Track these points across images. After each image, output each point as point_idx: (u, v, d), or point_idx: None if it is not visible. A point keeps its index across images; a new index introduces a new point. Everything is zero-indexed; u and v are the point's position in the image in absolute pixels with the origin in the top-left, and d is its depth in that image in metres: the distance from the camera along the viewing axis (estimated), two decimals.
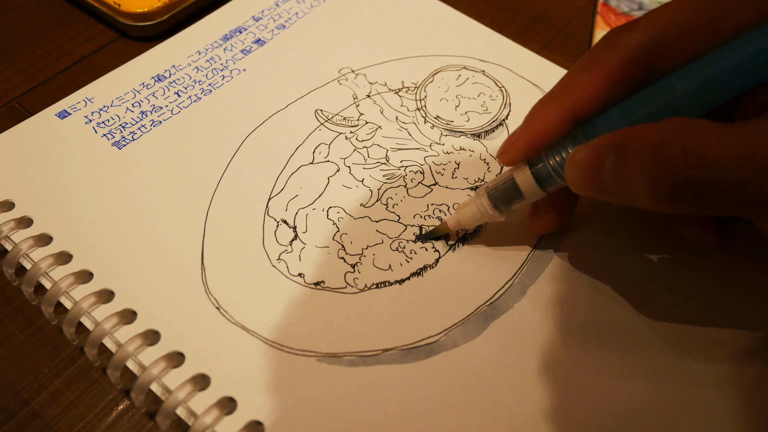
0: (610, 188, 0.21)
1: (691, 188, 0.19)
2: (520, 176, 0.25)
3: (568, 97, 0.23)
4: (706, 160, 0.19)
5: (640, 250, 0.27)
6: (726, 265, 0.27)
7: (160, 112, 0.32)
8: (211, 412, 0.23)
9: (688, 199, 0.19)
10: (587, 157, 0.21)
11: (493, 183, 0.26)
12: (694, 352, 0.25)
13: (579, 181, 0.22)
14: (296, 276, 0.27)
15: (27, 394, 0.25)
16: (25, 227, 0.27)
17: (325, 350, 0.25)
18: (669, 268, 0.27)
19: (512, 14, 0.38)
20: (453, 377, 0.24)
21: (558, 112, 0.23)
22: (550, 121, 0.23)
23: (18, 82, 0.34)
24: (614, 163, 0.20)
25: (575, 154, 0.22)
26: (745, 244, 0.27)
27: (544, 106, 0.24)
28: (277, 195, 0.29)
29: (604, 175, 0.21)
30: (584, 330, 0.25)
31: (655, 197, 0.20)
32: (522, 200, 0.25)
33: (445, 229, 0.27)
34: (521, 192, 0.25)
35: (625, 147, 0.20)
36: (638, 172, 0.20)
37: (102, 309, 0.25)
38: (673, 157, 0.19)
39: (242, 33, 0.36)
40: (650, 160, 0.19)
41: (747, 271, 0.27)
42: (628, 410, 0.23)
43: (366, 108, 0.33)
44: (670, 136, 0.19)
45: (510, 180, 0.25)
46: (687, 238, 0.26)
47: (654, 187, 0.19)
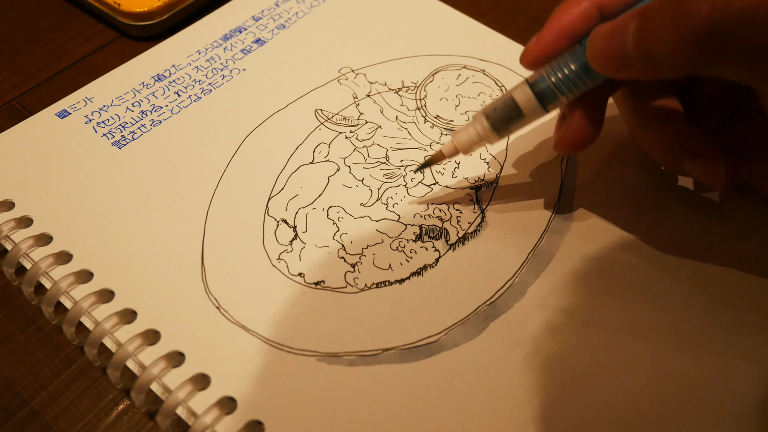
0: (633, 52, 0.20)
1: (718, 27, 0.18)
2: (519, 94, 0.24)
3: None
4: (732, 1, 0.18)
5: (640, 249, 0.27)
6: (727, 265, 0.27)
7: (160, 112, 0.32)
8: (211, 412, 0.23)
9: (714, 47, 0.19)
10: (611, 26, 0.21)
11: (491, 104, 0.25)
12: (698, 352, 0.25)
13: (600, 52, 0.22)
14: (296, 276, 0.27)
15: (27, 393, 0.25)
16: (25, 227, 0.27)
17: (325, 350, 0.25)
18: (669, 268, 0.27)
19: (512, 14, 0.38)
20: (453, 377, 0.24)
21: (584, 3, 0.23)
22: (577, 13, 0.23)
23: (18, 81, 0.34)
24: (638, 24, 0.20)
25: (599, 28, 0.22)
26: (748, 237, 0.27)
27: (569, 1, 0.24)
28: (277, 194, 0.29)
29: (627, 39, 0.20)
30: (584, 329, 0.25)
31: (682, 48, 0.19)
32: (522, 120, 0.25)
33: (441, 156, 0.27)
34: (521, 110, 0.24)
35: (649, 8, 0.20)
36: (662, 22, 0.19)
37: (102, 309, 0.25)
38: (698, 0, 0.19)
39: (242, 33, 0.36)
40: (674, 6, 0.19)
41: (752, 263, 0.27)
42: (629, 410, 0.23)
43: (366, 107, 0.33)
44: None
45: (509, 99, 0.24)
46: (698, 176, 0.25)
47: (680, 31, 0.19)
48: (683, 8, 0.19)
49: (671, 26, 0.19)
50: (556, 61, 0.24)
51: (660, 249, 0.27)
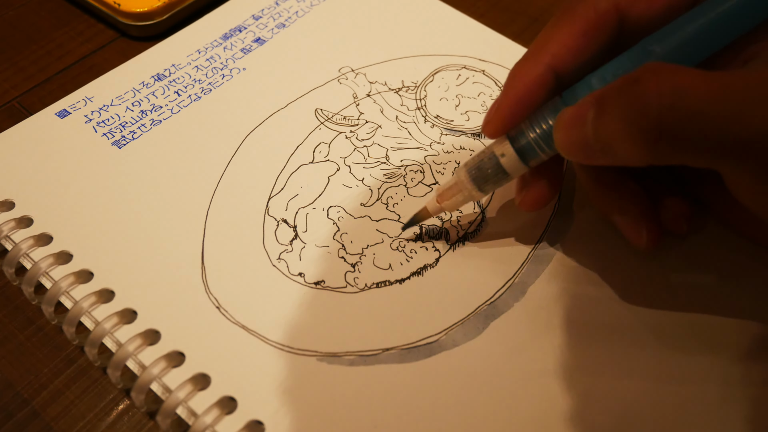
0: (594, 143, 0.20)
1: (668, 123, 0.18)
2: (501, 150, 0.24)
3: (545, 53, 0.23)
4: (680, 92, 0.18)
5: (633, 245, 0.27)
6: (728, 266, 0.27)
7: (160, 111, 0.32)
8: (212, 412, 0.23)
9: (667, 138, 0.18)
10: (570, 115, 0.21)
11: (473, 162, 0.25)
12: (697, 352, 0.25)
13: (566, 141, 0.21)
14: (296, 275, 0.27)
15: (27, 393, 0.25)
16: (26, 227, 0.27)
17: (325, 350, 0.25)
18: (670, 269, 0.27)
19: (512, 14, 0.38)
20: (453, 377, 0.24)
21: (538, 68, 0.23)
22: (532, 79, 0.23)
23: (18, 81, 0.34)
24: (595, 113, 0.20)
25: (560, 116, 0.21)
26: (748, 245, 0.27)
27: (522, 65, 0.23)
28: (277, 194, 0.29)
29: (587, 130, 0.20)
30: (585, 329, 0.25)
31: (633, 139, 0.19)
32: (506, 178, 0.25)
33: (426, 214, 0.27)
34: (504, 169, 0.24)
35: (604, 96, 0.20)
36: (615, 114, 0.19)
37: (102, 308, 0.25)
38: (645, 90, 0.18)
39: (242, 32, 0.36)
40: (624, 98, 0.19)
41: (751, 269, 0.27)
42: (629, 409, 0.23)
43: (366, 107, 0.33)
44: (644, 73, 0.19)
45: (492, 157, 0.24)
46: (623, 232, 0.25)
47: (630, 126, 0.19)
48: (634, 106, 0.19)
49: (624, 123, 0.19)
50: (534, 116, 0.23)
51: (661, 249, 0.27)
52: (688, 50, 0.21)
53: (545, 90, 0.23)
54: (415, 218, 0.27)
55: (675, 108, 0.18)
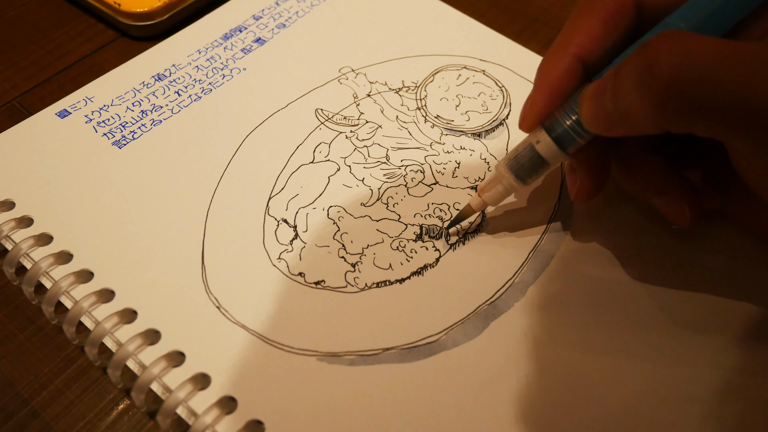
0: (613, 112, 0.21)
1: (678, 85, 0.18)
2: (540, 142, 0.24)
3: (571, 44, 0.23)
4: (690, 54, 0.18)
5: (641, 250, 0.27)
6: (729, 267, 0.27)
7: (161, 111, 0.32)
8: (212, 412, 0.23)
9: (676, 101, 0.19)
10: (592, 88, 0.22)
11: (513, 154, 0.25)
12: (696, 354, 0.25)
13: (588, 114, 0.22)
14: (297, 275, 0.27)
15: (27, 393, 0.25)
16: (26, 227, 0.27)
17: (326, 349, 0.25)
18: (670, 269, 0.27)
19: (512, 14, 0.38)
20: (453, 377, 0.24)
21: (565, 60, 0.23)
22: (561, 71, 0.23)
23: (18, 81, 0.34)
24: (612, 82, 0.20)
25: (584, 90, 0.22)
26: (745, 246, 0.27)
27: (550, 59, 0.24)
28: (277, 194, 0.29)
29: (607, 101, 0.21)
30: (585, 329, 0.25)
31: (645, 102, 0.19)
32: (546, 167, 0.25)
33: (470, 210, 0.27)
34: (544, 159, 0.24)
35: (621, 66, 0.20)
36: (628, 80, 0.20)
37: (102, 308, 0.25)
38: (655, 52, 0.19)
39: (242, 32, 0.36)
40: (635, 62, 0.19)
41: (751, 271, 0.27)
42: (629, 409, 0.23)
43: (366, 107, 0.33)
44: (657, 39, 0.19)
45: (530, 148, 0.25)
46: (664, 213, 0.25)
47: (641, 88, 0.19)
48: (645, 68, 0.19)
49: (636, 87, 0.19)
50: (568, 103, 0.24)
51: (661, 250, 0.27)
52: (711, 24, 0.21)
53: (574, 80, 0.23)
54: (460, 216, 0.28)
55: (684, 70, 0.18)
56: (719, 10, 0.21)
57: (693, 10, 0.21)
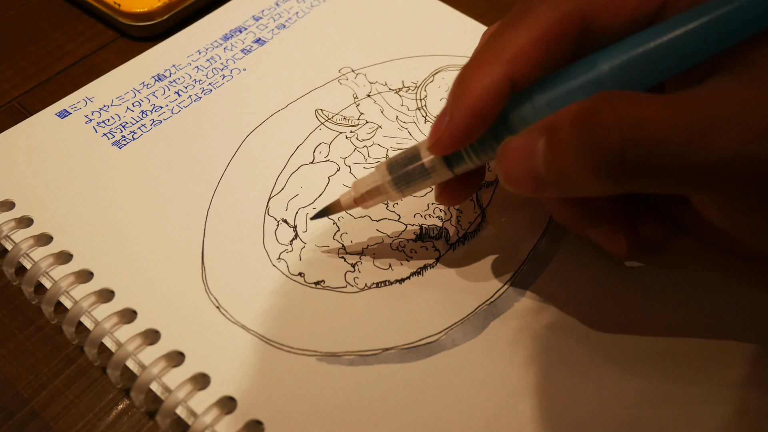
0: (546, 176, 0.19)
1: (630, 155, 0.17)
2: (428, 156, 0.23)
3: (501, 58, 0.20)
4: (642, 121, 0.17)
5: (640, 250, 0.27)
6: (729, 267, 0.27)
7: (161, 112, 0.32)
8: (211, 412, 0.23)
9: (629, 170, 0.18)
10: (516, 146, 0.19)
11: (396, 157, 0.24)
12: (695, 353, 0.25)
13: (510, 174, 0.20)
14: (296, 275, 0.27)
15: (27, 393, 0.25)
16: (26, 227, 0.27)
17: (325, 350, 0.25)
18: (671, 269, 0.27)
19: None
20: (453, 377, 0.24)
21: (494, 76, 0.20)
22: (488, 89, 0.20)
23: (18, 82, 0.34)
24: (546, 144, 0.18)
25: (504, 146, 0.20)
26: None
27: (476, 70, 0.20)
28: (277, 194, 0.29)
29: (537, 162, 0.19)
30: (585, 329, 0.25)
31: (595, 172, 0.18)
32: (426, 179, 0.23)
33: (339, 207, 0.26)
34: (426, 170, 0.23)
35: (556, 124, 0.18)
36: (572, 146, 0.18)
37: (102, 308, 0.25)
38: (606, 121, 0.17)
39: (242, 32, 0.36)
40: (582, 129, 0.18)
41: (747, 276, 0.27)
42: (629, 409, 0.23)
43: (366, 107, 0.33)
44: (601, 103, 0.18)
45: (415, 155, 0.23)
46: (600, 244, 0.25)
47: (590, 159, 0.18)
48: (592, 137, 0.18)
49: (581, 155, 0.18)
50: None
51: (661, 250, 0.27)
52: (638, 72, 0.19)
53: (501, 101, 0.20)
54: (326, 209, 0.26)
55: (637, 139, 0.17)
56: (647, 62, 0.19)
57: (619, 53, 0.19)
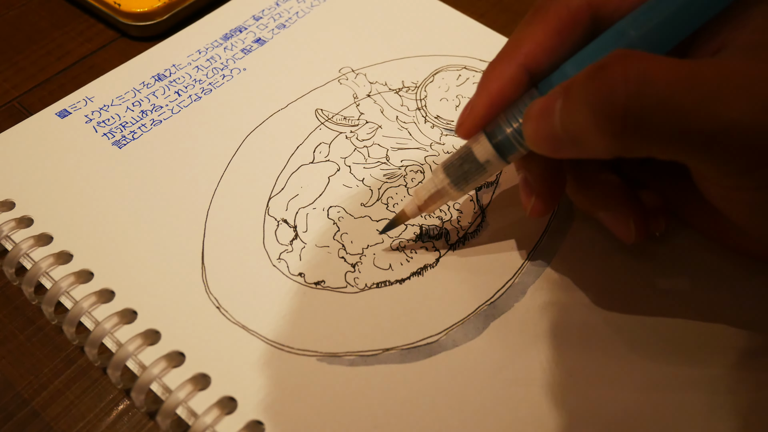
0: (563, 134, 0.20)
1: (634, 110, 0.18)
2: (478, 147, 0.23)
3: (519, 53, 0.22)
4: (647, 79, 0.17)
5: (640, 250, 0.27)
6: (728, 267, 0.27)
7: (161, 111, 0.32)
8: (212, 412, 0.23)
9: (633, 126, 0.18)
10: (539, 106, 0.20)
11: (450, 159, 0.24)
12: (694, 352, 0.25)
13: (534, 134, 0.21)
14: (296, 275, 0.27)
15: (27, 393, 0.25)
16: (26, 227, 0.27)
17: (326, 350, 0.25)
18: (670, 269, 0.27)
19: (512, 14, 0.38)
20: (453, 377, 0.24)
21: (511, 68, 0.22)
22: (506, 80, 0.22)
23: (18, 82, 0.34)
24: (562, 103, 0.19)
25: (529, 108, 0.21)
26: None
27: (496, 66, 0.23)
28: (277, 194, 0.29)
29: (555, 121, 0.20)
30: (584, 329, 0.25)
31: (600, 127, 0.18)
32: (483, 174, 0.24)
33: (405, 216, 0.26)
34: (482, 164, 0.23)
35: (572, 83, 0.19)
36: (581, 103, 0.19)
37: (102, 309, 0.25)
38: (611, 77, 0.18)
39: (242, 32, 0.36)
40: (590, 85, 0.18)
41: (747, 274, 0.27)
42: (629, 409, 0.23)
43: (366, 107, 0.33)
44: (610, 60, 0.18)
45: (468, 153, 0.24)
46: (609, 227, 0.25)
47: (596, 113, 0.18)
48: (600, 94, 0.18)
49: (590, 112, 0.18)
50: (511, 109, 0.23)
51: (661, 249, 0.27)
52: (664, 32, 0.20)
53: (519, 88, 0.22)
54: (394, 222, 0.27)
55: (641, 95, 0.17)
56: (672, 20, 0.20)
57: (645, 17, 0.20)
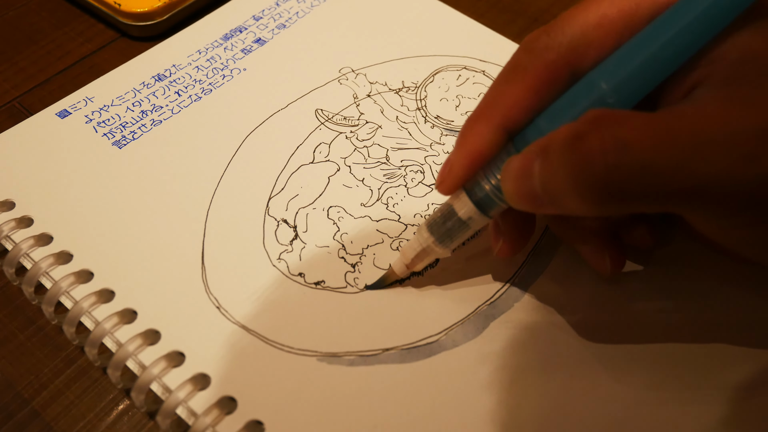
0: (543, 195, 0.20)
1: (614, 179, 0.18)
2: (460, 205, 0.23)
3: (496, 112, 0.22)
4: (626, 144, 0.17)
5: (640, 250, 0.27)
6: (728, 266, 0.27)
7: (161, 112, 0.32)
8: (212, 412, 0.23)
9: (614, 193, 0.18)
10: (517, 166, 0.20)
11: (433, 217, 0.25)
12: (694, 353, 0.25)
13: (513, 193, 0.21)
14: (296, 275, 0.27)
15: (27, 393, 0.25)
16: (26, 227, 0.27)
17: (325, 350, 0.25)
18: (670, 269, 0.27)
19: (512, 14, 0.38)
20: (453, 377, 0.24)
21: (488, 129, 0.22)
22: (483, 140, 0.22)
23: (18, 82, 0.34)
24: (541, 165, 0.19)
25: (506, 166, 0.21)
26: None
27: (473, 125, 0.23)
28: (277, 194, 0.29)
29: (534, 182, 0.20)
30: (584, 329, 0.25)
31: (581, 195, 0.18)
32: (467, 230, 0.24)
33: (393, 275, 0.26)
34: (464, 222, 0.23)
35: (548, 147, 0.19)
36: (560, 169, 0.19)
37: (102, 308, 0.25)
38: (589, 146, 0.18)
39: (243, 32, 0.36)
40: (568, 153, 0.18)
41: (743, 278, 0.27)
42: (628, 409, 0.23)
43: (366, 107, 0.33)
44: (586, 126, 0.18)
45: (450, 211, 0.24)
46: (586, 260, 0.25)
47: (577, 183, 0.18)
48: (578, 163, 0.18)
49: (568, 178, 0.18)
50: (489, 166, 0.22)
51: (661, 249, 0.27)
52: (635, 82, 0.20)
53: (497, 148, 0.22)
54: (382, 280, 0.27)
55: (620, 164, 0.17)
56: (642, 69, 0.20)
57: (615, 67, 0.20)
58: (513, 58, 0.23)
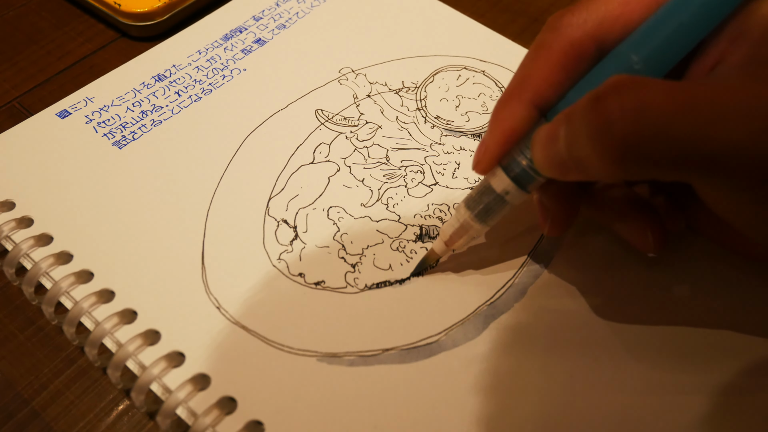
0: (568, 159, 0.20)
1: (633, 141, 0.18)
2: (497, 181, 0.24)
3: (526, 90, 0.23)
4: (644, 108, 0.18)
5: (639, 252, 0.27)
6: (728, 267, 0.27)
7: (161, 112, 0.32)
8: (212, 412, 0.23)
9: (633, 156, 0.18)
10: (544, 132, 0.21)
11: (472, 195, 0.25)
12: (693, 354, 0.25)
13: (541, 159, 0.21)
14: (296, 276, 0.27)
15: (27, 394, 0.25)
16: (26, 227, 0.27)
17: (325, 350, 0.25)
18: (670, 269, 0.27)
19: (512, 14, 0.38)
20: (453, 377, 0.24)
21: (520, 107, 0.23)
22: (515, 117, 0.23)
23: (18, 82, 0.34)
24: (565, 130, 0.20)
25: (536, 133, 0.21)
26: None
27: (505, 104, 0.23)
28: (277, 195, 0.29)
29: (560, 146, 0.20)
30: (584, 330, 0.25)
31: (601, 157, 0.19)
32: (505, 206, 0.24)
33: (434, 255, 0.26)
34: (503, 198, 0.24)
35: (572, 112, 0.20)
36: (582, 130, 0.19)
37: (102, 309, 0.25)
38: (610, 108, 0.18)
39: (243, 33, 0.36)
40: (589, 115, 0.19)
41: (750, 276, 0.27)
42: (628, 410, 0.23)
43: (366, 108, 0.33)
44: (606, 89, 0.18)
45: (488, 188, 0.24)
46: (627, 238, 0.25)
47: (597, 144, 0.18)
48: (599, 125, 0.18)
49: (590, 141, 0.19)
50: (524, 140, 0.23)
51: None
52: (665, 52, 0.20)
53: (530, 125, 0.23)
54: (424, 261, 0.27)
55: (638, 125, 0.18)
56: (672, 38, 0.20)
57: (645, 38, 0.20)
58: (538, 38, 0.23)
